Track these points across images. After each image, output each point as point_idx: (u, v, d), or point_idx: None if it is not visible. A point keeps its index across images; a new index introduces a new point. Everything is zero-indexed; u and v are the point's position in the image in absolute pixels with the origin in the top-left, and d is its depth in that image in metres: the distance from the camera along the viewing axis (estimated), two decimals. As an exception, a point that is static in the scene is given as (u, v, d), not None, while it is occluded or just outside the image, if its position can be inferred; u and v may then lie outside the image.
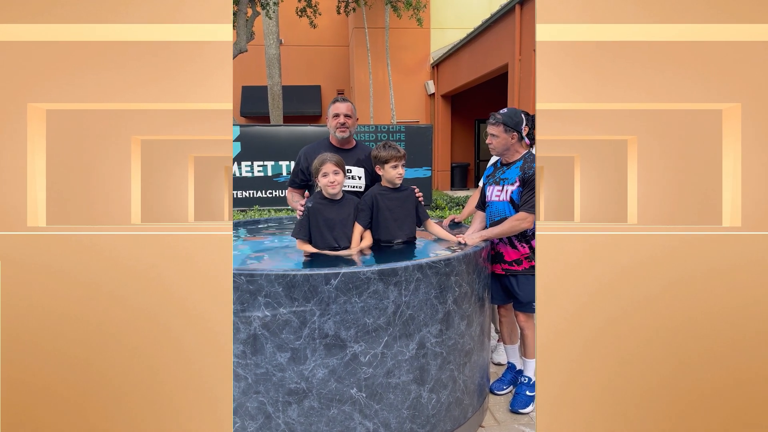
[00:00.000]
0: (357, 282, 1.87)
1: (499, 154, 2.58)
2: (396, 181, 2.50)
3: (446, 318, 2.09)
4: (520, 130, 2.51)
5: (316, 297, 1.85)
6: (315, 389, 1.89)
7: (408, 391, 2.01)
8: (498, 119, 2.50)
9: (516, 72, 8.85)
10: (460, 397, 2.21)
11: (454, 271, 2.11)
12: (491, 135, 2.55)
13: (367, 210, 2.47)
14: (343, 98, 2.78)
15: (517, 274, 2.54)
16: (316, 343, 1.87)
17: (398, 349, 1.97)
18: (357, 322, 1.89)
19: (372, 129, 7.41)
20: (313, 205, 2.42)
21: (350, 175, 2.71)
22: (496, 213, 2.59)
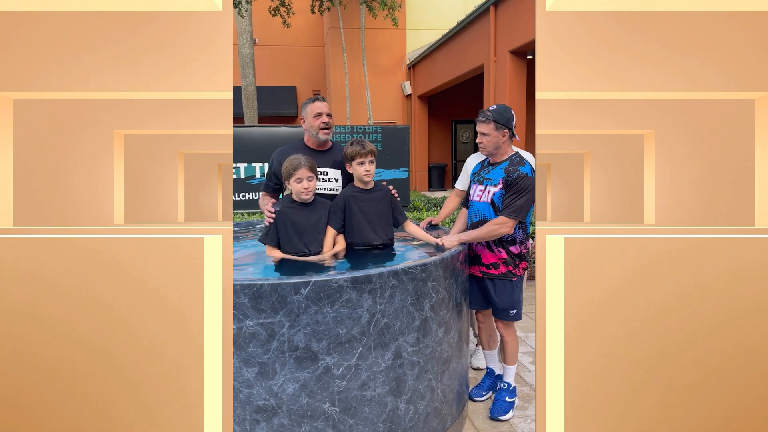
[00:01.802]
0: (329, 291, 1.77)
1: (490, 153, 2.47)
2: (365, 179, 2.39)
3: (423, 325, 2.01)
4: (511, 128, 2.43)
5: (285, 308, 1.74)
6: (285, 405, 1.78)
7: (384, 403, 1.92)
8: (488, 116, 2.39)
9: (491, 73, 8.86)
10: (438, 407, 2.13)
11: (431, 277, 2.03)
12: (481, 134, 2.42)
13: (339, 212, 2.37)
14: (321, 97, 2.68)
15: (494, 278, 2.48)
16: (286, 357, 1.76)
17: (373, 360, 1.87)
18: (329, 333, 1.79)
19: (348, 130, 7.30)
20: (281, 209, 2.30)
21: (327, 177, 2.61)
22: (476, 214, 2.52)
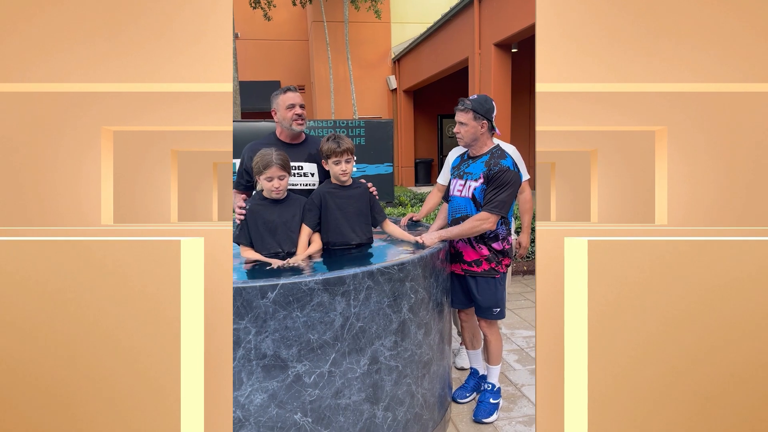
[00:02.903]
0: (298, 294, 1.66)
1: (467, 144, 2.36)
2: (341, 179, 2.28)
3: (401, 328, 1.91)
4: (491, 119, 2.32)
5: (251, 313, 1.62)
6: (253, 417, 1.67)
7: (360, 411, 1.81)
8: (467, 105, 2.28)
9: (476, 66, 8.78)
10: (419, 413, 2.03)
11: (409, 276, 1.93)
12: (459, 123, 2.31)
13: (314, 210, 2.25)
14: (293, 87, 2.54)
15: (477, 275, 2.38)
16: (253, 365, 1.65)
17: (348, 366, 1.77)
18: (299, 339, 1.68)
19: (330, 124, 7.16)
20: (251, 207, 2.18)
21: (302, 171, 2.48)
22: (456, 209, 2.42)
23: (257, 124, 6.73)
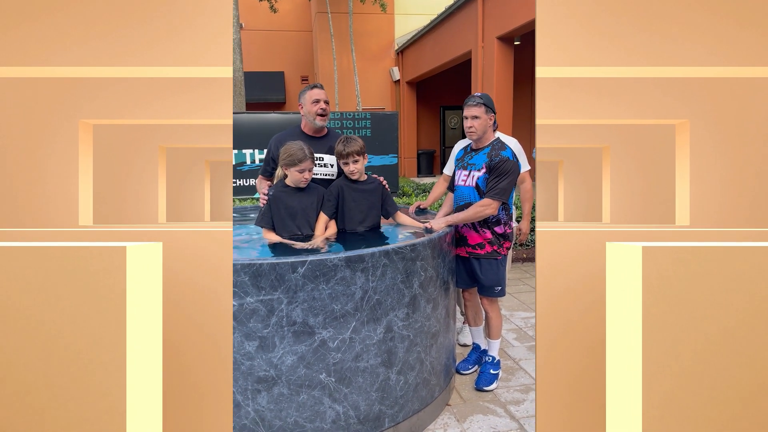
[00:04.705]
0: (324, 269, 1.89)
1: (479, 137, 2.57)
2: (352, 177, 2.52)
3: (412, 302, 2.14)
4: (495, 113, 2.58)
5: (284, 285, 1.86)
6: (284, 376, 1.91)
7: (376, 374, 2.06)
8: (479, 100, 2.52)
9: (479, 59, 8.94)
10: (427, 378, 2.28)
11: (420, 256, 2.16)
12: (473, 117, 2.52)
13: (333, 200, 2.49)
14: (319, 84, 2.77)
15: (480, 257, 2.62)
16: (285, 331, 1.88)
17: (366, 333, 2.01)
18: (325, 308, 1.91)
19: (337, 116, 7.34)
20: (275, 193, 2.41)
21: (322, 162, 2.71)
22: (461, 198, 2.65)
23: (267, 116, 6.92)
